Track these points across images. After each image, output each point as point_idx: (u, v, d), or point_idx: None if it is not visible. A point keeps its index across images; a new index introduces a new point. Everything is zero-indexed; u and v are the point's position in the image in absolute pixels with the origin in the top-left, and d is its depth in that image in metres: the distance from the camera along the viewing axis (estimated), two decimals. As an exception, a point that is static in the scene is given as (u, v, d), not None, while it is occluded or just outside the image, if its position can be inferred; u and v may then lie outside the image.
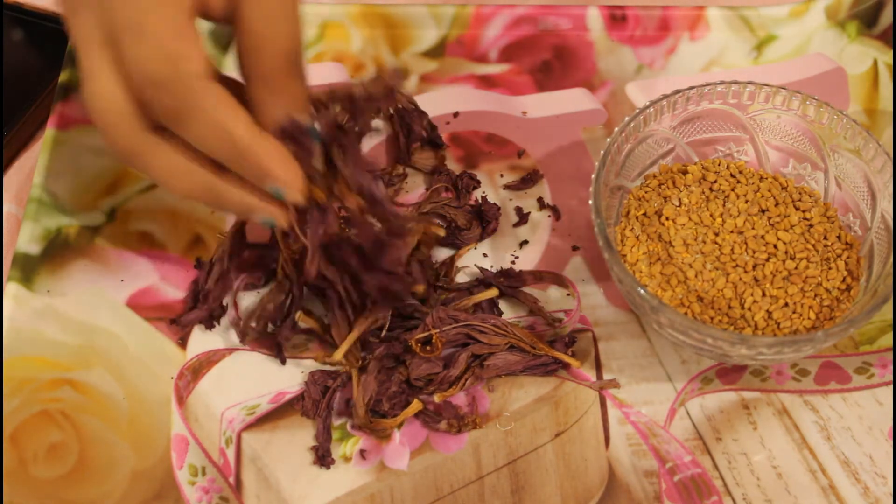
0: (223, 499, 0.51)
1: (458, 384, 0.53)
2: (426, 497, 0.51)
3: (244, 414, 0.53)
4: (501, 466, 0.52)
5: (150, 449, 0.52)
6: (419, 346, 0.53)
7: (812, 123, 0.57)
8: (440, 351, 0.53)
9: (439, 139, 0.63)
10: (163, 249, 0.58)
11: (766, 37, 0.69)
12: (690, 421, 0.54)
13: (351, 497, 0.51)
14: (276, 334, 0.54)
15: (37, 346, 0.55)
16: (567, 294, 0.58)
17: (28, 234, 0.58)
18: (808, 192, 0.58)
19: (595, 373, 0.55)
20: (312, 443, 0.52)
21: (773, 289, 0.53)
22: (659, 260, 0.55)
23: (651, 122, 0.57)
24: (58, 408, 0.53)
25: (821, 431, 0.53)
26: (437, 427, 0.52)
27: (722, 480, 0.52)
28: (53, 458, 0.52)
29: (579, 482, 0.52)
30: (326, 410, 0.52)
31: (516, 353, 0.54)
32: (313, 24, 0.68)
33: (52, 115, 0.62)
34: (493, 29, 0.68)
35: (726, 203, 0.56)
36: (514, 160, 0.63)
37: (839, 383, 0.55)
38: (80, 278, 0.57)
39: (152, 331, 0.56)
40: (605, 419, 0.54)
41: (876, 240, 0.55)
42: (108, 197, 0.60)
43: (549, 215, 0.61)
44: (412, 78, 0.66)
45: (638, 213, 0.56)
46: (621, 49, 0.68)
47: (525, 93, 0.66)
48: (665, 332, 0.52)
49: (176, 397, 0.53)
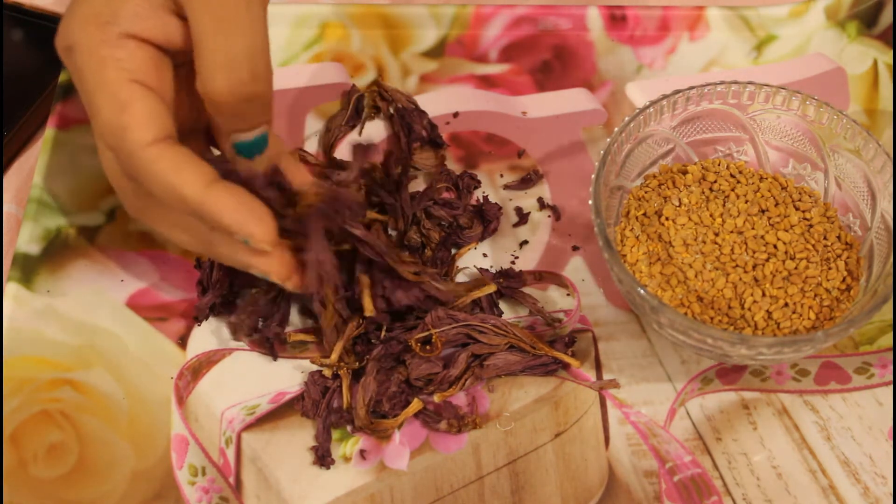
0: (223, 499, 0.51)
1: (457, 384, 0.53)
2: (426, 497, 0.51)
3: (244, 414, 0.53)
4: (501, 466, 0.52)
5: (150, 449, 0.52)
6: (419, 345, 0.53)
7: (812, 123, 0.57)
8: (440, 350, 0.53)
9: (440, 139, 0.63)
10: (163, 249, 0.58)
11: (766, 37, 0.69)
12: (690, 421, 0.54)
13: (351, 497, 0.51)
14: (264, 330, 0.54)
15: (37, 346, 0.55)
16: (567, 294, 0.58)
17: (28, 234, 0.58)
18: (808, 192, 0.58)
19: (595, 373, 0.55)
20: (312, 443, 0.52)
21: (773, 289, 0.53)
22: (659, 260, 0.55)
23: (651, 122, 0.57)
24: (58, 408, 0.53)
25: (821, 431, 0.53)
26: (437, 427, 0.52)
27: (722, 480, 0.52)
28: (53, 458, 0.52)
29: (579, 482, 0.52)
30: (326, 410, 0.52)
31: (516, 353, 0.54)
32: (313, 24, 0.68)
33: (52, 115, 0.62)
34: (493, 29, 0.68)
35: (726, 203, 0.56)
36: (514, 160, 0.63)
37: (839, 383, 0.55)
38: (80, 278, 0.57)
39: (152, 331, 0.56)
40: (605, 419, 0.54)
41: (876, 240, 0.55)
42: (108, 197, 0.60)
43: (549, 215, 0.61)
44: (412, 78, 0.66)
45: (638, 213, 0.56)
46: (621, 49, 0.68)
47: (525, 93, 0.66)
48: (665, 332, 0.52)
49: (176, 397, 0.53)
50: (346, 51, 0.67)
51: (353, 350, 0.54)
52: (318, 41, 0.68)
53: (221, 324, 0.56)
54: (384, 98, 0.64)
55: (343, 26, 0.68)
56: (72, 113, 0.62)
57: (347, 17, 0.68)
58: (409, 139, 0.62)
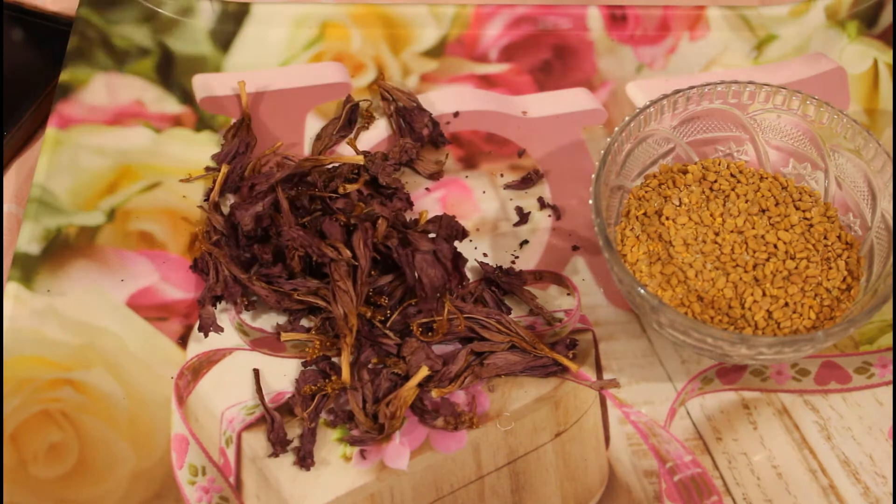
0: (223, 499, 0.51)
1: (457, 381, 0.53)
2: (426, 497, 0.51)
3: (244, 414, 0.53)
4: (501, 466, 0.52)
5: (150, 449, 0.52)
6: (419, 329, 0.53)
7: (812, 123, 0.57)
8: (440, 337, 0.53)
9: (441, 136, 0.63)
10: (163, 249, 0.59)
11: (766, 36, 0.69)
12: (690, 421, 0.54)
13: (351, 497, 0.51)
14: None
15: (37, 346, 0.55)
16: (567, 294, 0.58)
17: (28, 234, 0.58)
18: (809, 191, 0.58)
19: (595, 373, 0.55)
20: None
21: (774, 288, 0.53)
22: (659, 260, 0.55)
23: (651, 121, 0.57)
24: (58, 408, 0.53)
25: (821, 431, 0.53)
26: (434, 424, 0.52)
27: (722, 480, 0.52)
28: (53, 458, 0.52)
29: (579, 482, 0.52)
30: (314, 413, 0.52)
31: (517, 354, 0.54)
32: (313, 24, 0.68)
33: (52, 115, 0.62)
34: (493, 29, 0.68)
35: (726, 203, 0.56)
36: (514, 160, 0.63)
37: (839, 383, 0.55)
38: (80, 278, 0.57)
39: (152, 331, 0.56)
40: (605, 419, 0.54)
41: (876, 240, 0.55)
42: (108, 197, 0.60)
43: (549, 215, 0.61)
44: (412, 77, 0.66)
45: (638, 212, 0.56)
46: (621, 49, 0.68)
47: (525, 93, 0.66)
48: (665, 332, 0.52)
49: (176, 397, 0.53)
50: (346, 51, 0.67)
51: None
52: (318, 41, 0.68)
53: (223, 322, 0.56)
54: (385, 97, 0.64)
55: (343, 26, 0.68)
56: (72, 113, 0.63)
57: (347, 17, 0.68)
58: (411, 138, 0.62)
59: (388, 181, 0.59)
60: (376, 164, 0.60)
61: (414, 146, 0.62)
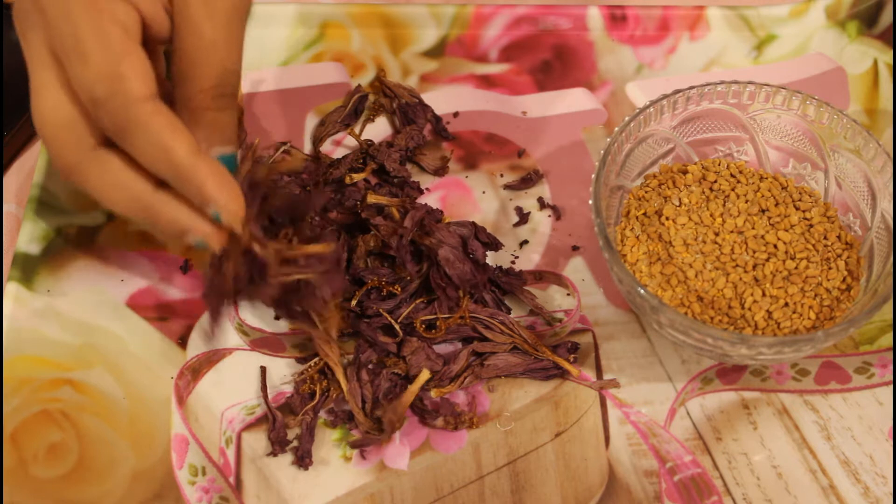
0: (223, 499, 0.51)
1: (457, 381, 0.53)
2: (426, 497, 0.51)
3: (244, 414, 0.53)
4: (501, 466, 0.52)
5: (150, 449, 0.52)
6: (423, 326, 0.53)
7: (812, 123, 0.57)
8: (442, 334, 0.53)
9: (445, 131, 0.63)
10: (163, 249, 0.58)
11: (766, 37, 0.69)
12: (690, 421, 0.54)
13: (351, 497, 0.51)
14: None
15: (37, 346, 0.55)
16: (567, 294, 0.58)
17: (28, 234, 0.58)
18: (809, 191, 0.58)
19: (595, 373, 0.55)
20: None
21: (773, 289, 0.53)
22: (659, 260, 0.55)
23: (651, 121, 0.57)
24: (58, 408, 0.53)
25: (821, 431, 0.53)
26: (434, 424, 0.52)
27: (722, 480, 0.52)
28: (53, 458, 0.52)
29: (579, 482, 0.52)
30: (312, 413, 0.52)
31: (518, 355, 0.54)
32: (313, 24, 0.68)
33: (52, 114, 0.62)
34: (493, 29, 0.68)
35: (726, 203, 0.56)
36: (514, 160, 0.63)
37: (839, 383, 0.55)
38: (80, 278, 0.57)
39: (152, 331, 0.56)
40: (605, 419, 0.54)
41: (876, 240, 0.55)
42: (108, 197, 0.60)
43: (549, 215, 0.61)
44: (412, 77, 0.66)
45: (638, 212, 0.56)
46: (621, 49, 0.68)
47: (525, 93, 0.66)
48: (665, 332, 0.52)
49: (176, 397, 0.53)
50: (347, 50, 0.67)
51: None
52: (318, 41, 0.68)
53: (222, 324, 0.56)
54: (386, 94, 0.64)
55: (343, 26, 0.68)
56: (72, 113, 0.62)
57: (347, 17, 0.68)
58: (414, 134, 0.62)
59: (396, 169, 0.59)
60: (382, 151, 0.60)
61: (419, 131, 0.62)
